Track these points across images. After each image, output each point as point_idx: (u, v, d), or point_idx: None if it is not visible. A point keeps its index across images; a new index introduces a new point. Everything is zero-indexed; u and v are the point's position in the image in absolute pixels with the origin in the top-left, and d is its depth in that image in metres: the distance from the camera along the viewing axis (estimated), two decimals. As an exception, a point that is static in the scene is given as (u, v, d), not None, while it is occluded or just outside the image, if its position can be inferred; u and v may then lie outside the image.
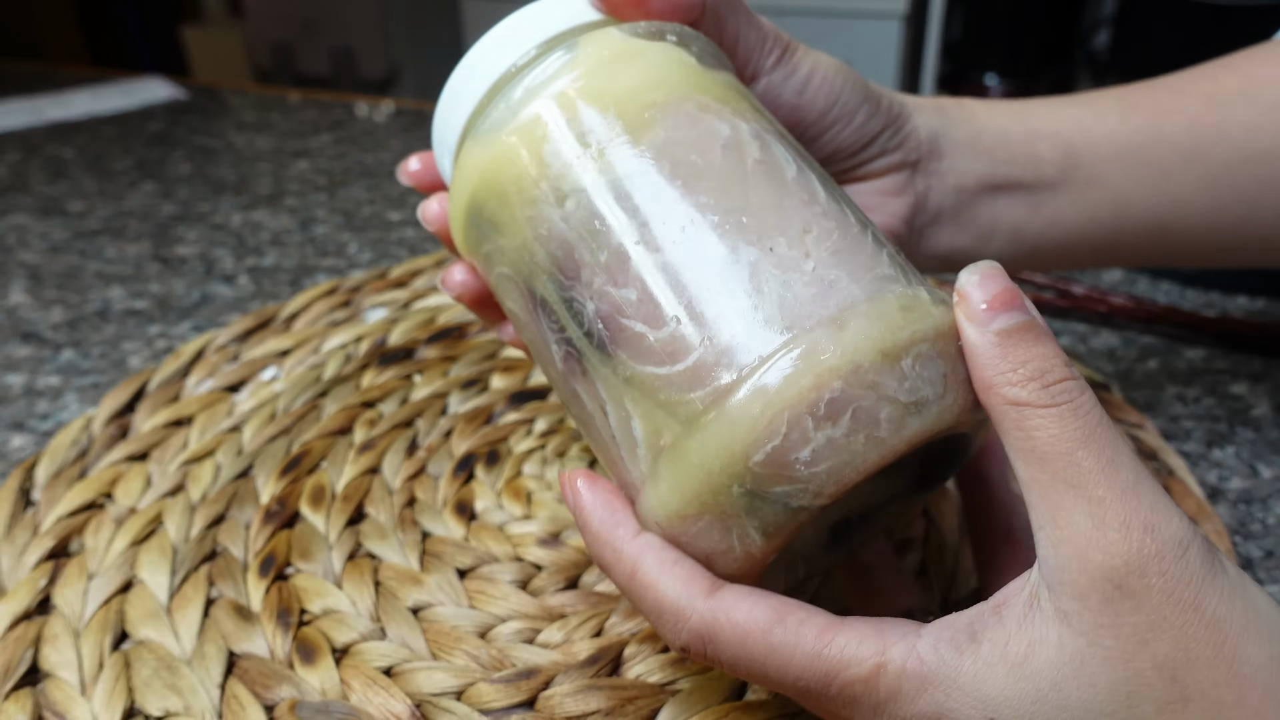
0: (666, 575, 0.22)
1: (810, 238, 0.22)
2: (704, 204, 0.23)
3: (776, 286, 0.21)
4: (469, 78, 0.27)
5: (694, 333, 0.22)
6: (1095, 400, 0.20)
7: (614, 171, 0.23)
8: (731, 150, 0.23)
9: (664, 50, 0.25)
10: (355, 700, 0.29)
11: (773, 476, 0.20)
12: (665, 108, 0.24)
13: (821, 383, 0.20)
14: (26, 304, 0.56)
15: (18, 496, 0.38)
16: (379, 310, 0.51)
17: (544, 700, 0.29)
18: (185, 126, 0.91)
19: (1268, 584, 0.34)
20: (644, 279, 0.22)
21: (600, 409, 0.23)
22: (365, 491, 0.38)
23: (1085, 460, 0.19)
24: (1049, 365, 0.20)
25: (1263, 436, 0.41)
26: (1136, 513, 0.19)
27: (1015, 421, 0.20)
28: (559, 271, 0.24)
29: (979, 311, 0.21)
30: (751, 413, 0.20)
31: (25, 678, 0.31)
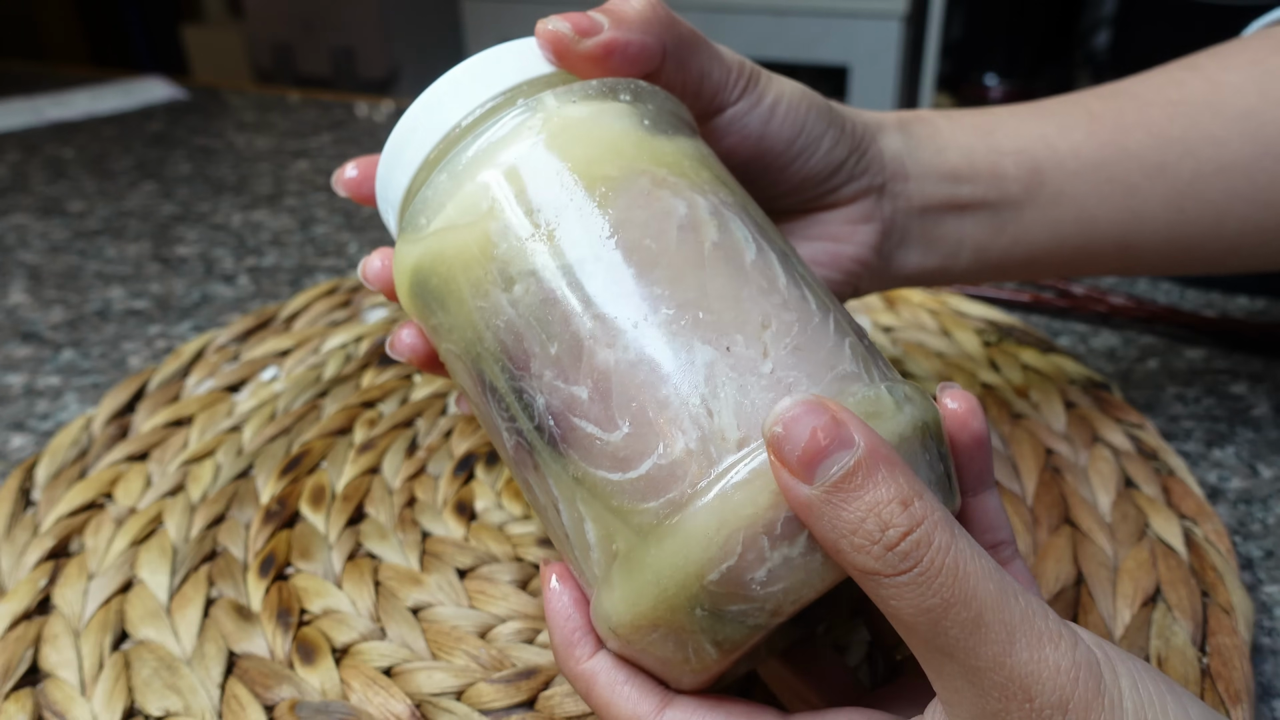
0: (617, 696, 0.22)
1: (769, 334, 0.21)
2: (659, 296, 0.21)
3: (733, 391, 0.20)
4: (412, 135, 0.25)
5: (647, 439, 0.20)
6: (948, 539, 0.18)
7: (564, 257, 0.22)
8: (688, 232, 0.22)
9: (617, 115, 0.24)
10: (355, 700, 0.29)
11: (728, 596, 0.20)
12: (619, 183, 0.22)
13: (778, 502, 0.19)
14: (26, 304, 0.56)
15: (18, 496, 0.38)
16: (379, 310, 0.51)
17: (544, 700, 0.29)
18: (185, 126, 0.91)
19: (1268, 584, 0.34)
20: (595, 377, 0.21)
21: (553, 505, 0.23)
22: (365, 491, 0.38)
23: (951, 629, 0.18)
24: (887, 518, 0.18)
25: (1263, 436, 0.41)
26: (1015, 679, 0.18)
27: (871, 590, 0.19)
28: (508, 359, 0.22)
29: (797, 466, 0.19)
30: (706, 532, 0.19)
31: (25, 678, 0.31)
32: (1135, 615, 0.31)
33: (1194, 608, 0.31)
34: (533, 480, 0.23)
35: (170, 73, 1.10)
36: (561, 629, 0.23)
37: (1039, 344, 0.47)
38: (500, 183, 0.23)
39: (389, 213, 0.27)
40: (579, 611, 0.23)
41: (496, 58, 0.25)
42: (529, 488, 0.23)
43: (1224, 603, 0.31)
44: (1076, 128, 0.33)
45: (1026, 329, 0.48)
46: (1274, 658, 0.31)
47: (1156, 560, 0.33)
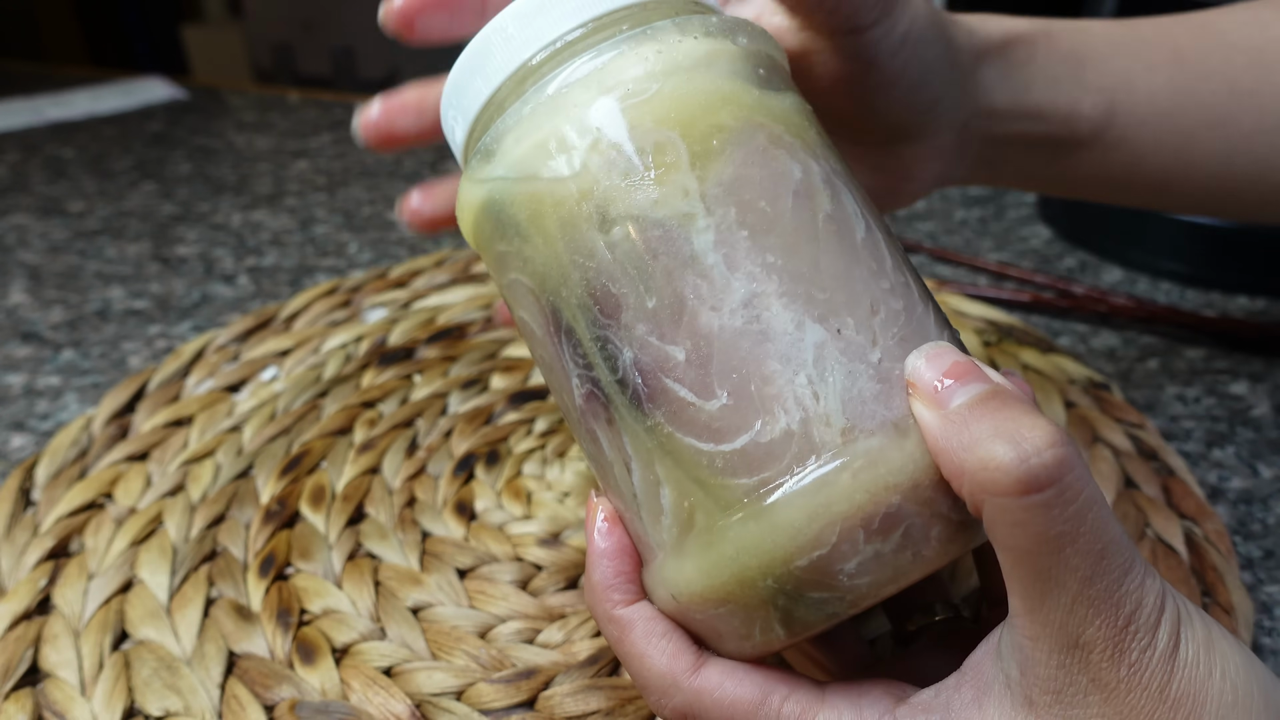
0: (653, 649, 0.22)
1: (878, 320, 0.20)
2: (771, 265, 0.20)
3: (841, 377, 0.20)
4: (504, 41, 0.23)
5: (747, 413, 0.20)
6: (1084, 466, 0.18)
7: (672, 206, 0.20)
8: (803, 200, 0.21)
9: (733, 59, 0.22)
10: (355, 700, 0.29)
11: (812, 583, 0.19)
12: (735, 135, 0.21)
13: (879, 498, 0.19)
14: (26, 304, 0.56)
15: (18, 496, 0.38)
16: (379, 310, 0.51)
17: (544, 700, 0.29)
18: (185, 126, 0.91)
19: (1268, 584, 0.34)
20: (696, 340, 0.20)
21: (623, 462, 0.22)
22: (365, 491, 0.38)
23: (1072, 559, 0.18)
24: (1025, 429, 0.18)
25: (1263, 436, 0.41)
26: (1120, 607, 0.18)
27: (992, 515, 0.18)
28: (595, 306, 0.21)
29: (933, 392, 0.19)
30: (801, 519, 0.19)
31: (25, 678, 0.31)
32: (1135, 615, 0.31)
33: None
34: (602, 433, 0.22)
35: (170, 73, 1.10)
36: (603, 569, 0.22)
37: (1039, 344, 0.47)
38: (607, 112, 0.21)
39: (458, 123, 0.24)
40: (625, 555, 0.23)
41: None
42: (593, 439, 0.22)
43: (1224, 603, 0.31)
44: (1160, 69, 0.32)
45: (1026, 329, 0.48)
46: (1274, 658, 0.31)
47: (1157, 560, 0.33)
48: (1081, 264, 0.58)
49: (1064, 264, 0.58)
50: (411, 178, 0.75)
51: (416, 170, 0.77)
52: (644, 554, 0.22)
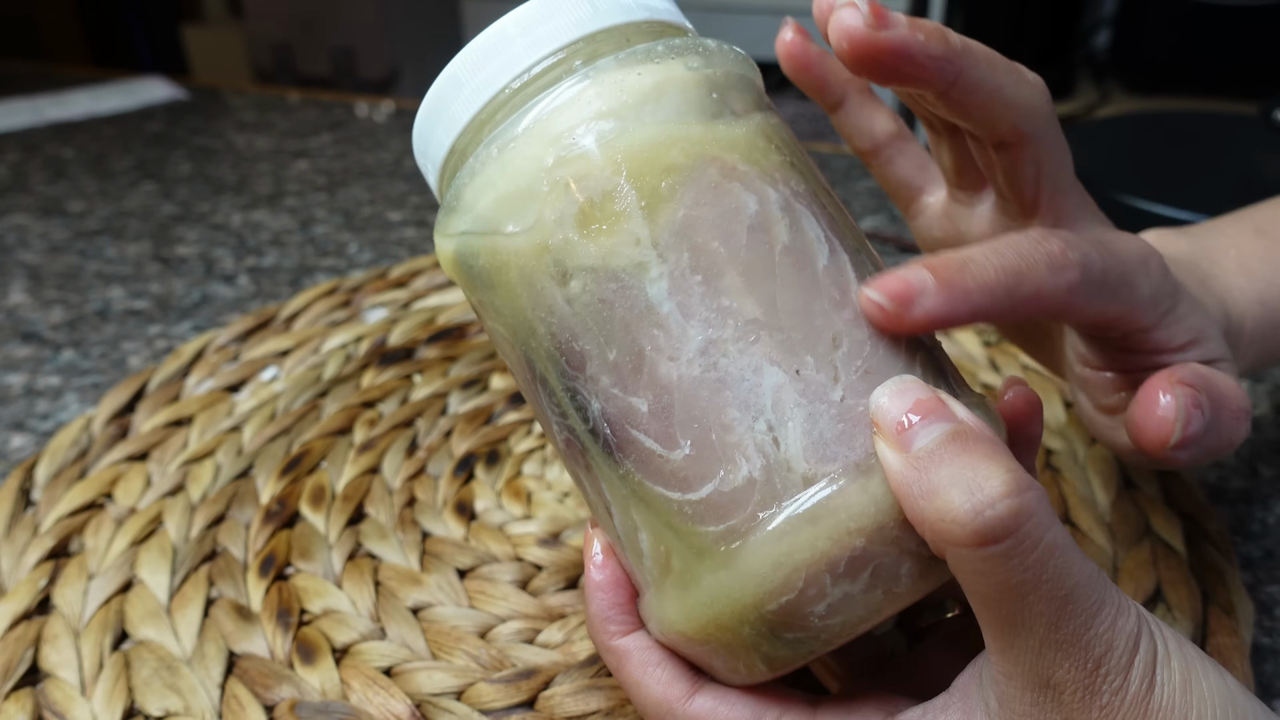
0: (648, 678, 0.22)
1: (840, 355, 0.20)
2: (726, 308, 0.20)
3: (801, 419, 0.19)
4: (457, 91, 0.23)
5: (710, 462, 0.20)
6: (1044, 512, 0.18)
7: (625, 256, 0.20)
8: (759, 234, 0.20)
9: (684, 87, 0.21)
10: (355, 700, 0.29)
11: (784, 624, 0.20)
12: (686, 174, 0.20)
13: (843, 542, 0.19)
14: (26, 304, 0.56)
15: (18, 496, 0.38)
16: (379, 310, 0.51)
17: (544, 700, 0.29)
18: (185, 126, 0.91)
19: (1267, 583, 0.34)
20: (657, 391, 0.20)
21: (604, 505, 0.22)
22: (365, 491, 0.38)
23: (1036, 605, 0.18)
24: (982, 479, 0.17)
25: (1263, 436, 0.41)
26: (1088, 650, 0.18)
27: (954, 564, 0.18)
28: (561, 358, 0.21)
29: (895, 433, 0.19)
30: (766, 566, 0.19)
31: (25, 678, 0.31)
32: (1135, 615, 0.31)
33: (1194, 608, 0.31)
34: (584, 478, 0.22)
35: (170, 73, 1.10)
36: (599, 601, 0.23)
37: (1039, 344, 0.47)
38: (555, 164, 0.21)
39: (429, 171, 0.25)
40: (619, 587, 0.23)
41: (552, 5, 0.22)
42: (579, 481, 0.23)
43: (1224, 603, 0.31)
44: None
45: (1026, 329, 0.48)
46: (1274, 658, 0.31)
47: (1156, 560, 0.33)
48: (1081, 264, 0.58)
49: (1064, 264, 0.58)
50: (411, 178, 0.75)
51: (416, 170, 0.77)
52: (637, 586, 0.23)
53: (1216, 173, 0.60)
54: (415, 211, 0.69)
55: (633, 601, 0.23)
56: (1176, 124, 0.70)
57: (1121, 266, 0.24)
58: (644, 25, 0.23)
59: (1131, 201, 0.56)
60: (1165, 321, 0.25)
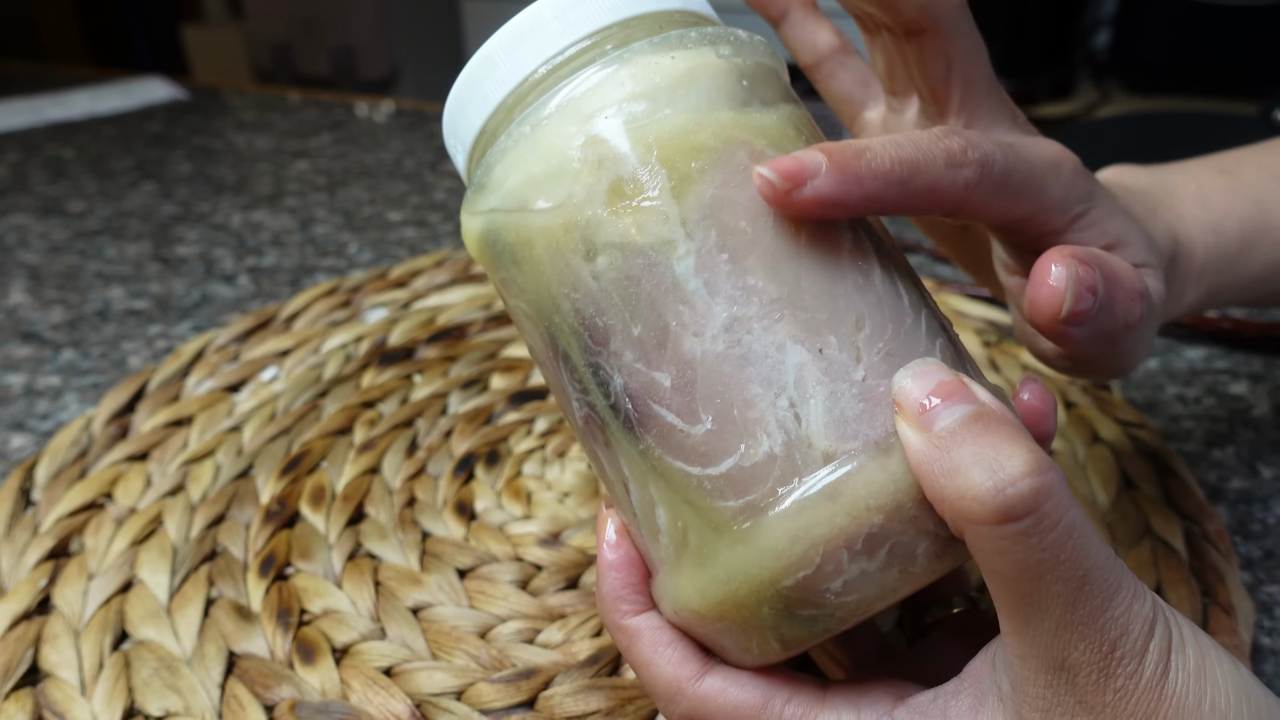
0: (659, 657, 0.22)
1: (862, 336, 0.20)
2: (751, 287, 0.20)
3: (823, 397, 0.20)
4: (490, 72, 0.23)
5: (731, 437, 0.20)
6: (1066, 494, 0.18)
7: (654, 233, 0.20)
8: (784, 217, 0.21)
9: (715, 73, 0.22)
10: (355, 700, 0.29)
11: (800, 602, 0.20)
12: (715, 156, 0.21)
13: (861, 519, 0.19)
14: (26, 304, 0.57)
15: (18, 496, 0.38)
16: (379, 310, 0.51)
17: (544, 700, 0.29)
18: (185, 126, 0.91)
19: (1267, 584, 0.34)
20: (680, 366, 0.20)
21: (622, 482, 0.22)
22: (365, 491, 0.38)
23: (1054, 585, 0.18)
24: (1004, 458, 0.18)
25: (1263, 436, 0.41)
26: (1106, 632, 0.18)
27: (973, 542, 0.18)
28: (585, 333, 0.21)
29: (917, 413, 0.19)
30: (784, 541, 0.19)
31: (25, 678, 0.31)
32: (1135, 615, 0.31)
33: (1194, 608, 0.31)
34: (602, 455, 0.22)
35: (170, 73, 1.10)
36: (611, 580, 0.23)
37: (1039, 344, 0.47)
38: (586, 143, 0.21)
39: (458, 151, 0.25)
40: (632, 567, 0.23)
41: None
42: (596, 459, 0.23)
43: (1224, 603, 0.31)
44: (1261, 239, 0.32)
45: (1026, 329, 0.48)
46: (1274, 658, 0.31)
47: (1157, 560, 0.33)
48: (1081, 264, 0.58)
49: (1064, 264, 0.58)
50: (411, 178, 0.75)
51: (416, 170, 0.77)
52: (650, 566, 0.23)
53: (1216, 173, 0.60)
54: (415, 211, 0.69)
55: (645, 582, 0.23)
56: (1176, 124, 0.70)
57: (1028, 168, 0.24)
58: (676, 14, 0.24)
59: (1131, 201, 0.56)
60: (1078, 225, 0.26)
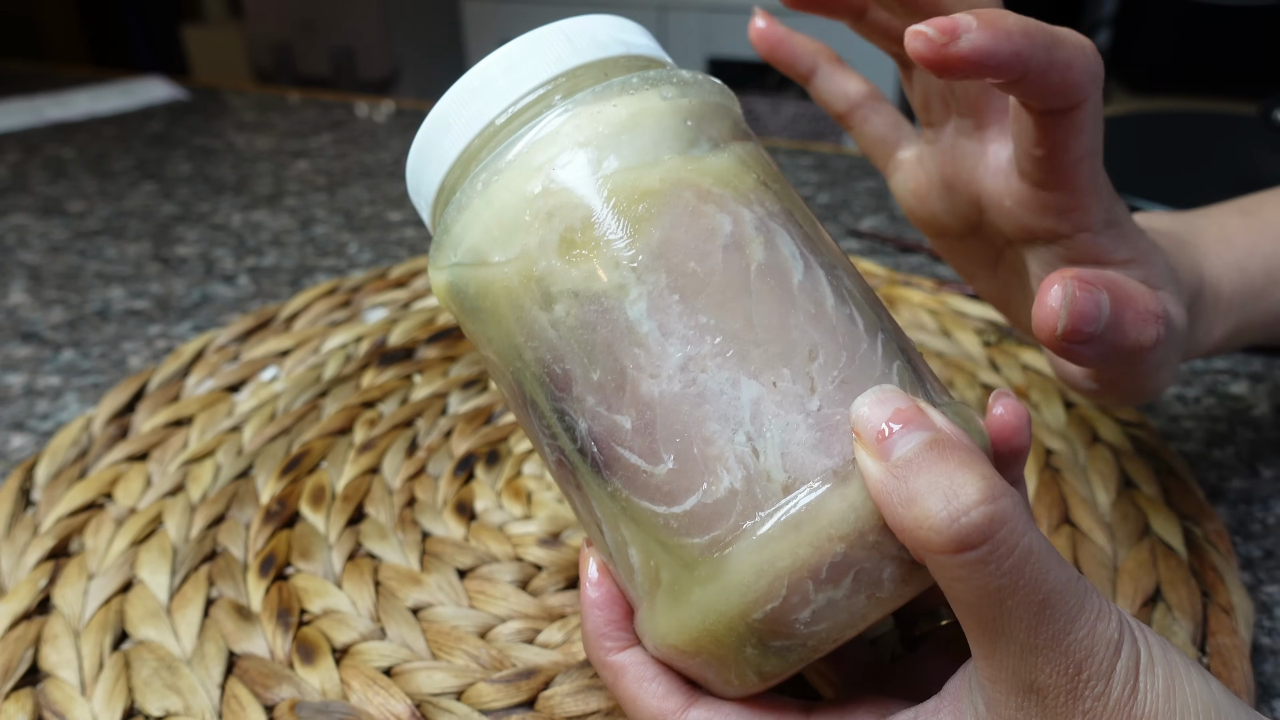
0: (643, 692, 0.22)
1: (816, 365, 0.21)
2: (704, 325, 0.20)
3: (779, 430, 0.20)
4: (445, 131, 0.24)
5: (693, 475, 0.20)
6: (1020, 518, 0.18)
7: (606, 279, 0.21)
8: (733, 253, 0.21)
9: (659, 116, 0.22)
10: (355, 700, 0.29)
11: (771, 633, 0.20)
12: (661, 199, 0.21)
13: (823, 549, 0.19)
14: (26, 304, 0.57)
15: (18, 496, 0.38)
16: (379, 310, 0.51)
17: (544, 700, 0.29)
18: (185, 126, 0.91)
19: (1268, 584, 0.34)
20: (640, 408, 0.21)
21: (595, 523, 0.22)
22: (365, 491, 0.38)
23: (1015, 610, 0.18)
24: (958, 486, 0.18)
25: (1262, 437, 0.41)
26: (1071, 654, 0.18)
27: (934, 570, 0.19)
28: (549, 380, 0.22)
29: (875, 441, 0.19)
30: (749, 575, 0.19)
31: (25, 678, 0.31)
32: (1135, 615, 0.31)
33: (1194, 608, 0.31)
34: (575, 497, 0.23)
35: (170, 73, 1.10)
36: (595, 618, 0.23)
37: (1039, 344, 0.47)
38: (536, 195, 0.22)
39: (423, 208, 0.26)
40: (615, 604, 0.23)
41: (532, 45, 0.24)
42: (571, 500, 0.23)
43: (1224, 603, 0.31)
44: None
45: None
46: (1274, 658, 0.31)
47: (1156, 560, 0.33)
48: (1081, 264, 0.58)
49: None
50: (411, 178, 0.75)
51: (416, 170, 0.77)
52: (631, 602, 0.23)
53: (1216, 173, 0.60)
54: (415, 211, 0.69)
55: (628, 619, 0.23)
56: (1176, 124, 0.70)
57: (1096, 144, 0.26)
58: (621, 60, 0.24)
59: (1131, 201, 0.56)
60: (1110, 232, 0.27)
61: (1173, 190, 0.56)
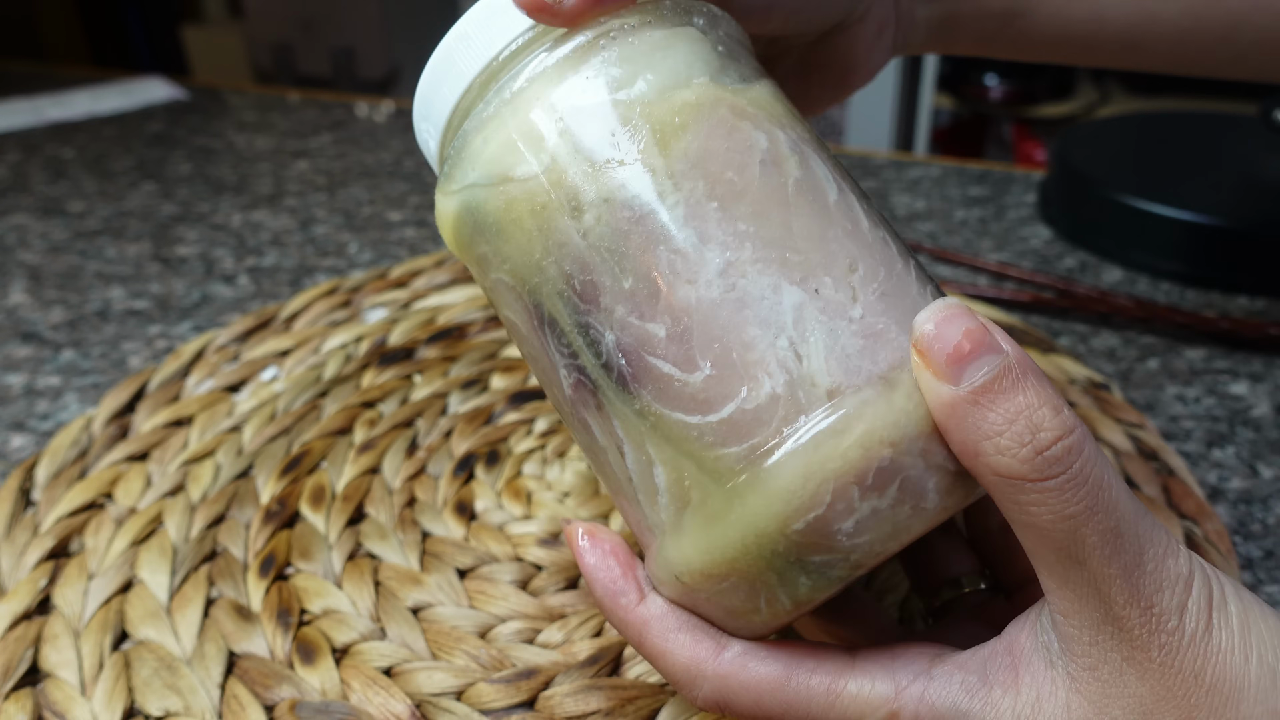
0: (672, 644, 0.22)
1: (856, 277, 0.20)
2: (743, 232, 0.20)
3: (823, 335, 0.20)
4: (465, 46, 0.23)
5: (731, 381, 0.20)
6: (1095, 450, 0.18)
7: (641, 185, 0.21)
8: (771, 167, 0.21)
9: (691, 39, 0.22)
10: (355, 700, 0.29)
11: (812, 546, 0.19)
12: (698, 110, 0.21)
13: (871, 452, 0.19)
14: (26, 304, 0.56)
15: (18, 496, 0.38)
16: (379, 310, 0.51)
17: (544, 700, 0.29)
18: (185, 126, 0.91)
19: (1268, 584, 0.34)
20: (675, 315, 0.20)
21: (615, 447, 0.22)
22: (365, 491, 0.38)
23: (1090, 537, 0.18)
24: (1039, 421, 0.18)
25: (1263, 437, 0.41)
26: (1142, 587, 0.18)
27: (1009, 496, 0.19)
28: (574, 293, 0.21)
29: (944, 367, 0.19)
30: (794, 481, 0.19)
31: (25, 678, 0.31)
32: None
33: (1194, 608, 0.31)
34: (593, 421, 0.22)
35: (170, 73, 1.10)
36: (602, 580, 0.23)
37: (1039, 344, 0.47)
38: (568, 103, 0.21)
39: (430, 134, 0.25)
40: (617, 559, 0.23)
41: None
42: (585, 429, 0.22)
43: (1224, 603, 0.31)
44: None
45: (1026, 329, 0.48)
46: (1274, 658, 0.31)
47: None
48: (1081, 264, 0.58)
49: (1064, 264, 0.58)
50: (411, 177, 0.75)
51: (416, 170, 0.77)
52: (644, 542, 0.22)
53: (1216, 173, 0.60)
54: (415, 211, 0.69)
55: (634, 571, 0.23)
56: (1176, 124, 0.70)
57: None
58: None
59: (1131, 201, 0.56)
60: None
61: (1173, 190, 0.56)
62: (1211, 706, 0.18)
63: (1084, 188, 0.59)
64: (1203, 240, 0.54)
